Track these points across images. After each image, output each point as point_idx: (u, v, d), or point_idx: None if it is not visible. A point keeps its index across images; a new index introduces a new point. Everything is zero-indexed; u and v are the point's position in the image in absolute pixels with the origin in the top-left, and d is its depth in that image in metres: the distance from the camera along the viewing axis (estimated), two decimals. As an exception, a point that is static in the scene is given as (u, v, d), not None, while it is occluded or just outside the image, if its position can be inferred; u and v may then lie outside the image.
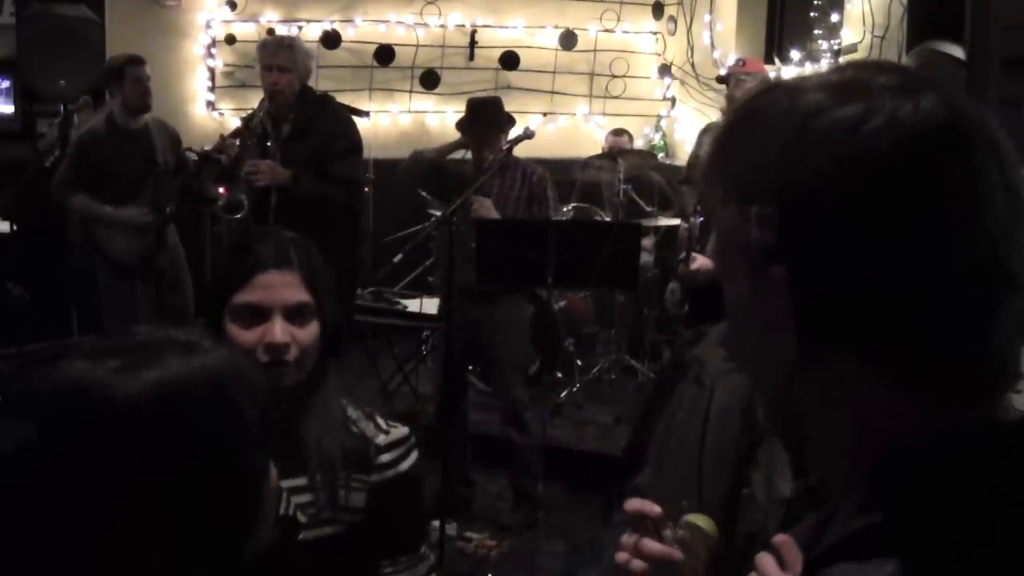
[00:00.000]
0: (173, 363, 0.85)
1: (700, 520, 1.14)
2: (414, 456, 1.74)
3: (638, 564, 1.12)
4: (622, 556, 1.14)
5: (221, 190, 4.68)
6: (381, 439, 1.70)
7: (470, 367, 4.70)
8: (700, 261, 3.93)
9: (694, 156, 5.26)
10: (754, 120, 0.76)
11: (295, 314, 1.58)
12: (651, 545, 1.12)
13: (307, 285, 1.60)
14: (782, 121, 0.73)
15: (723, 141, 0.78)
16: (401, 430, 1.73)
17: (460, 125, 4.51)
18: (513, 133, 4.39)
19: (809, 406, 0.76)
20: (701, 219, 4.10)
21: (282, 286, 1.57)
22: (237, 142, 4.46)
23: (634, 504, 1.15)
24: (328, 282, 1.65)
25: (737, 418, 1.24)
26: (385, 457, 1.69)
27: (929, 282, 0.69)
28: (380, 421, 1.73)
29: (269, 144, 4.44)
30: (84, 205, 4.81)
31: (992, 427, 0.71)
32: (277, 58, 4.36)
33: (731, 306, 0.79)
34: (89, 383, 0.81)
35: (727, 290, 0.80)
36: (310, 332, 1.58)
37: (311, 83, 4.63)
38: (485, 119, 4.38)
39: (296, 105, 4.42)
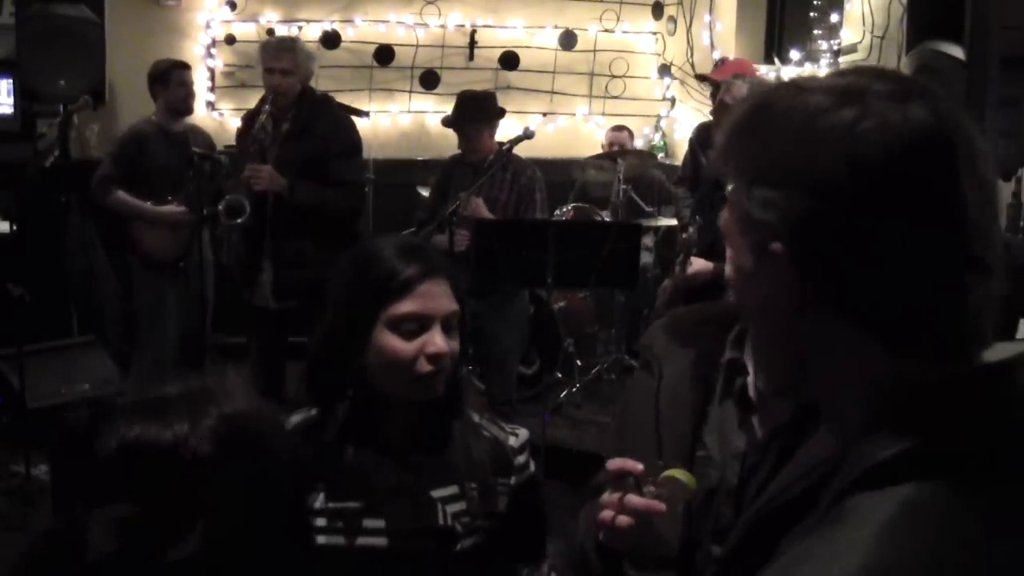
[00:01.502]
0: (223, 414, 0.85)
1: (679, 473, 1.21)
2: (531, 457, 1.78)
3: (624, 519, 1.19)
4: (607, 514, 1.20)
5: None
6: (512, 441, 1.73)
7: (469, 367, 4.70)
8: (697, 265, 3.94)
9: (687, 158, 5.27)
10: (766, 113, 0.87)
11: (448, 323, 1.60)
12: (635, 499, 1.19)
13: (455, 294, 1.62)
14: (790, 118, 0.84)
15: (739, 127, 0.90)
16: (523, 431, 1.77)
17: (447, 121, 4.49)
18: (513, 133, 4.39)
19: (809, 355, 0.88)
20: (699, 224, 4.11)
21: (440, 295, 1.59)
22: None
23: (616, 463, 1.22)
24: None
25: (687, 386, 1.30)
26: (520, 459, 1.73)
27: (906, 264, 0.80)
28: (501, 424, 1.77)
29: (268, 145, 4.43)
30: (124, 201, 4.91)
31: (977, 374, 0.82)
32: (279, 61, 4.36)
33: (737, 271, 0.92)
34: (168, 445, 0.81)
35: (732, 257, 0.92)
36: (457, 341, 1.61)
37: (311, 83, 4.63)
38: (472, 113, 4.37)
39: (295, 105, 4.41)
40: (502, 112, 4.52)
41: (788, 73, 5.95)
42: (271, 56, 4.39)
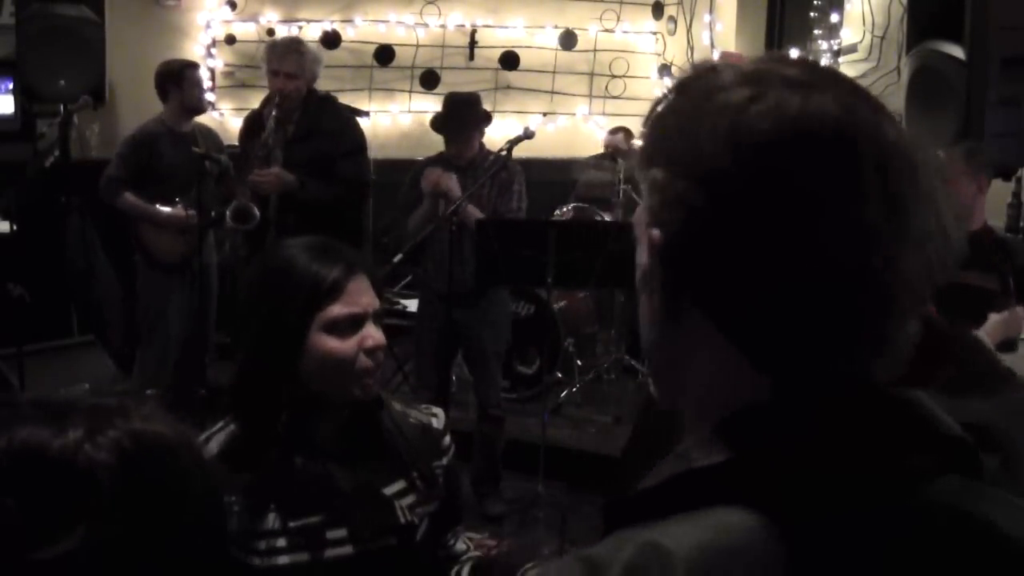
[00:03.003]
0: (133, 429, 0.85)
1: None
2: None
3: None
4: None
5: None
6: (436, 423, 1.77)
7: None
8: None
9: None
10: (676, 93, 0.79)
11: (376, 317, 1.62)
12: None
13: (375, 288, 1.64)
14: (691, 95, 0.77)
15: (650, 110, 0.82)
16: (439, 410, 1.81)
17: (435, 124, 4.47)
18: (513, 133, 4.38)
19: (673, 361, 0.80)
20: None
21: (366, 291, 1.61)
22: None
23: None
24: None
25: None
26: (447, 440, 1.77)
27: (775, 268, 0.71)
28: (419, 407, 1.80)
29: (273, 148, 4.42)
30: (133, 203, 4.90)
31: (818, 398, 0.72)
32: (286, 64, 4.32)
33: (637, 268, 0.82)
34: (54, 452, 0.81)
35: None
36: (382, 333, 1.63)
37: (312, 83, 4.63)
38: (461, 119, 4.35)
39: (301, 106, 4.40)
40: (489, 117, 4.50)
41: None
42: (277, 58, 4.34)
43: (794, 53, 5.96)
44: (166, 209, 4.88)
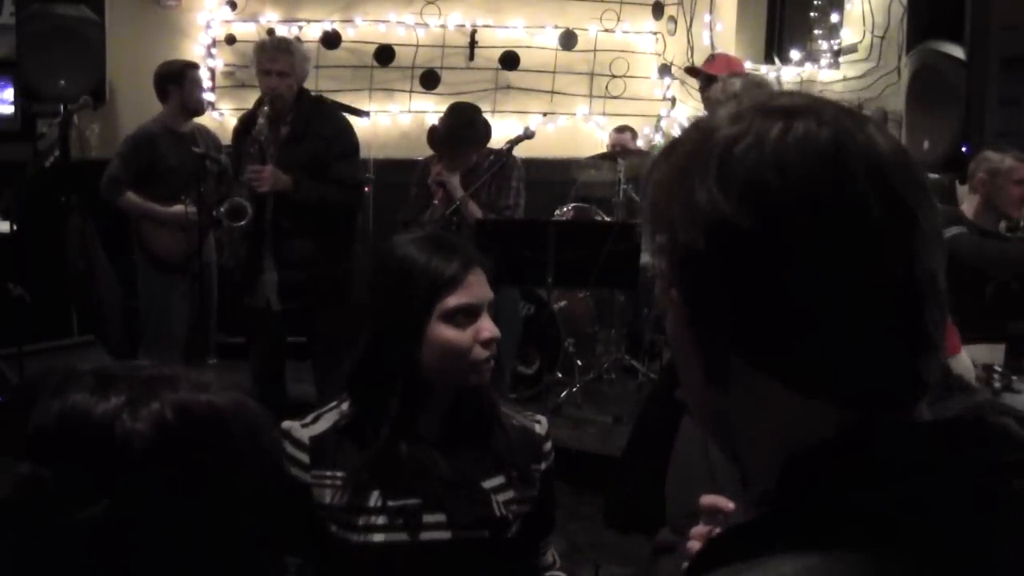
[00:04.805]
0: (179, 400, 0.84)
1: None
2: None
3: None
4: (697, 546, 1.16)
5: None
6: (538, 428, 1.81)
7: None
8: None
9: None
10: (666, 156, 0.77)
11: (490, 309, 1.68)
12: None
13: (490, 281, 1.69)
14: (686, 149, 0.75)
15: (650, 169, 0.79)
16: (543, 418, 1.85)
17: (431, 140, 4.44)
18: (513, 133, 4.38)
19: (724, 415, 0.77)
20: None
21: (482, 284, 1.67)
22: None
23: (709, 499, 1.19)
24: None
25: None
26: (547, 446, 1.81)
27: (802, 296, 0.69)
28: (523, 411, 1.84)
29: (267, 147, 4.42)
30: (134, 202, 4.92)
31: (890, 431, 0.69)
32: (276, 63, 4.33)
33: (669, 335, 0.80)
34: (95, 418, 0.81)
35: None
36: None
37: (311, 82, 4.62)
38: (455, 140, 4.31)
39: (293, 108, 4.40)
40: (489, 132, 4.47)
41: (788, 73, 5.95)
42: (268, 58, 4.35)
43: (795, 54, 5.96)
44: (169, 209, 4.89)
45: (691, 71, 5.45)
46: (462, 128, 4.35)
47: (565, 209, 5.69)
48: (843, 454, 0.69)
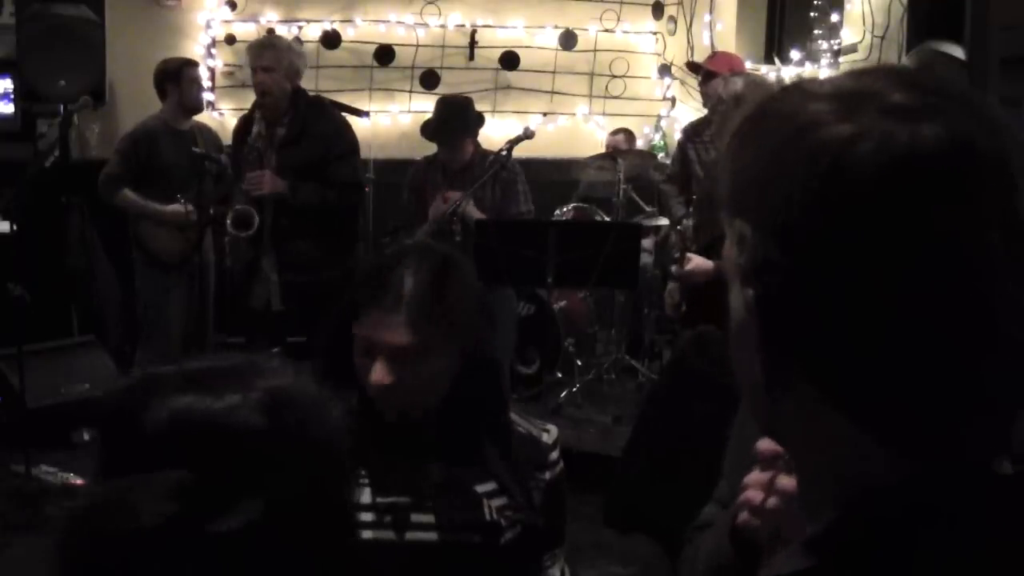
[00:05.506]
0: (274, 386, 0.83)
1: None
2: None
3: (773, 500, 1.03)
4: (754, 494, 1.05)
5: None
6: (546, 438, 1.76)
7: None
8: (695, 262, 3.92)
9: (677, 156, 5.27)
10: (761, 124, 0.69)
11: (396, 355, 1.55)
12: (787, 481, 1.01)
13: (412, 328, 1.53)
14: (781, 130, 0.66)
15: (732, 144, 0.71)
16: (553, 428, 1.79)
17: (425, 130, 4.46)
18: (513, 133, 4.39)
19: (781, 432, 0.73)
20: (692, 220, 4.09)
21: (399, 332, 1.53)
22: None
23: (767, 445, 1.06)
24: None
25: None
26: (554, 455, 1.75)
27: (893, 330, 0.62)
28: (533, 420, 1.79)
29: (265, 151, 4.43)
30: (131, 201, 4.93)
31: (969, 482, 0.64)
32: (261, 59, 4.38)
33: (731, 317, 0.73)
34: (218, 418, 0.79)
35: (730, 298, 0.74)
36: (412, 374, 1.55)
37: (311, 82, 4.62)
38: (448, 125, 4.33)
39: (290, 109, 4.41)
40: (482, 119, 4.48)
41: (788, 73, 5.95)
42: (254, 56, 4.43)
43: (795, 54, 5.96)
44: (166, 207, 4.89)
45: (692, 66, 5.46)
46: (453, 117, 4.36)
47: (565, 209, 5.70)
48: (915, 504, 0.63)
